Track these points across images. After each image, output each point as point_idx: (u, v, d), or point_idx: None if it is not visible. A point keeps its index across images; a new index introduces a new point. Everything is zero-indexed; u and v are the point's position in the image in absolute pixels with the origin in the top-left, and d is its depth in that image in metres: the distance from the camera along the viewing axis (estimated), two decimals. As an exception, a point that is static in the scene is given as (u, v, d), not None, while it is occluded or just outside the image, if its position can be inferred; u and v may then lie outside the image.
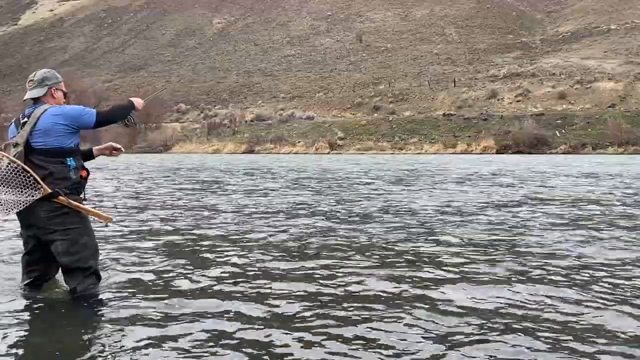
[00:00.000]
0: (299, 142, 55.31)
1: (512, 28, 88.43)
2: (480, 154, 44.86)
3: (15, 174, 3.59)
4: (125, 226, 7.04)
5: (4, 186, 3.60)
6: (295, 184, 14.68)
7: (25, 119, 3.74)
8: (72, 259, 3.75)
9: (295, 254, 5.26)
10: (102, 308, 3.59)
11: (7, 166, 3.60)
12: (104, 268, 4.48)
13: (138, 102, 4.17)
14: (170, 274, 4.48)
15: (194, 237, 6.27)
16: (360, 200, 10.15)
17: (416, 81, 69.87)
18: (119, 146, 4.28)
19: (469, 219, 7.57)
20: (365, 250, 5.44)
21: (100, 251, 4.23)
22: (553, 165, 25.02)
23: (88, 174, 3.93)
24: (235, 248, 5.57)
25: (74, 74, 77.30)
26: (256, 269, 4.66)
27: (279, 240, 6.01)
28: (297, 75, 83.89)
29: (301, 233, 6.46)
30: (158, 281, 4.26)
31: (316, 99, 71.70)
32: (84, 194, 3.94)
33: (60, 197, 3.68)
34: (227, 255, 5.19)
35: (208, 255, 5.24)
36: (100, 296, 3.82)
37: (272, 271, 4.58)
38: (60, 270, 3.96)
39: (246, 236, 6.27)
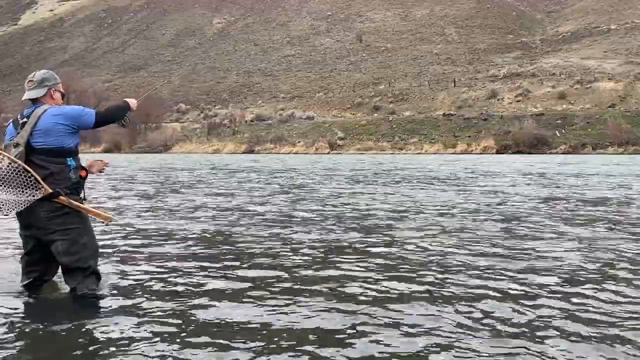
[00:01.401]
0: (299, 142, 55.31)
1: (512, 28, 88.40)
2: (480, 154, 44.88)
3: (16, 174, 3.59)
4: (125, 226, 7.05)
5: (4, 186, 3.61)
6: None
7: (25, 119, 3.75)
8: (72, 258, 3.76)
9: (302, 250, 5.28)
10: (102, 308, 3.60)
11: (8, 166, 3.60)
12: (103, 268, 4.48)
13: (132, 102, 4.20)
14: (169, 273, 4.49)
15: (191, 236, 6.28)
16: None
17: (416, 81, 69.87)
18: (101, 160, 4.18)
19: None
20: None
21: (100, 251, 4.24)
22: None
23: (87, 174, 3.94)
24: (232, 249, 5.59)
25: (74, 74, 77.34)
26: (252, 268, 4.68)
27: (267, 243, 6.03)
28: (297, 75, 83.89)
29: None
30: (157, 280, 4.27)
31: (316, 99, 71.70)
32: (84, 194, 3.95)
33: (61, 197, 3.69)
34: (224, 256, 5.21)
35: (206, 254, 5.26)
36: (100, 296, 3.83)
37: (266, 276, 4.60)
38: (60, 270, 3.97)
39: (243, 236, 6.28)
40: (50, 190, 3.64)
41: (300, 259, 5.06)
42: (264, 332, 3.17)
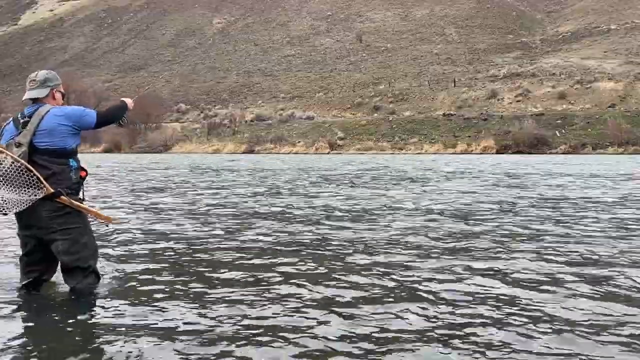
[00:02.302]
0: (299, 142, 55.31)
1: (512, 28, 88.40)
2: (480, 154, 44.88)
3: (19, 173, 3.60)
4: (124, 226, 7.06)
5: (6, 185, 3.61)
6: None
7: (27, 119, 3.75)
8: (72, 258, 3.77)
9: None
10: (101, 307, 3.60)
11: (11, 165, 3.61)
12: (102, 268, 4.50)
13: (129, 101, 4.23)
14: (169, 274, 4.50)
15: (190, 237, 6.29)
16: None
17: (416, 81, 69.86)
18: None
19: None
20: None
21: (99, 251, 4.26)
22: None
23: (87, 174, 3.96)
24: (229, 249, 5.60)
25: (74, 74, 77.32)
26: (252, 269, 4.69)
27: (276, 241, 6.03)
28: (297, 75, 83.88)
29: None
30: (156, 281, 4.28)
31: (316, 99, 71.69)
32: (83, 194, 3.96)
33: (63, 197, 3.70)
34: (222, 256, 5.22)
35: (204, 255, 5.27)
36: (100, 296, 3.83)
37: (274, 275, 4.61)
38: (59, 270, 3.98)
39: (244, 237, 6.29)
40: (52, 190, 3.66)
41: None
42: (265, 334, 3.18)
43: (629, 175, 17.52)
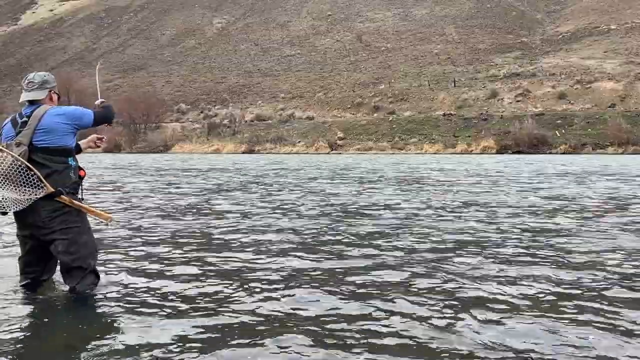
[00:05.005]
0: (299, 142, 55.30)
1: (512, 28, 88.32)
2: (480, 154, 44.86)
3: (19, 172, 3.61)
4: (124, 225, 7.07)
5: (6, 184, 3.62)
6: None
7: (25, 119, 3.76)
8: (72, 257, 3.77)
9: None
10: (101, 307, 3.61)
11: (11, 164, 3.62)
12: (102, 267, 4.50)
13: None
14: (169, 273, 4.50)
15: (190, 237, 6.29)
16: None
17: (416, 81, 69.82)
18: (101, 136, 4.37)
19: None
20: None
21: (99, 250, 4.27)
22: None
23: (85, 174, 3.97)
24: (229, 249, 5.60)
25: (74, 74, 77.26)
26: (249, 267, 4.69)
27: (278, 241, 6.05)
28: (297, 75, 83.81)
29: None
30: (156, 280, 4.29)
31: (316, 99, 71.65)
32: (81, 194, 3.97)
33: (63, 197, 3.71)
34: (221, 256, 5.23)
35: (204, 254, 5.27)
36: (99, 295, 3.84)
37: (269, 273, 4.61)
38: (59, 270, 3.98)
39: (242, 236, 6.30)
40: (53, 189, 3.67)
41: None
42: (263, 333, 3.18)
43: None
